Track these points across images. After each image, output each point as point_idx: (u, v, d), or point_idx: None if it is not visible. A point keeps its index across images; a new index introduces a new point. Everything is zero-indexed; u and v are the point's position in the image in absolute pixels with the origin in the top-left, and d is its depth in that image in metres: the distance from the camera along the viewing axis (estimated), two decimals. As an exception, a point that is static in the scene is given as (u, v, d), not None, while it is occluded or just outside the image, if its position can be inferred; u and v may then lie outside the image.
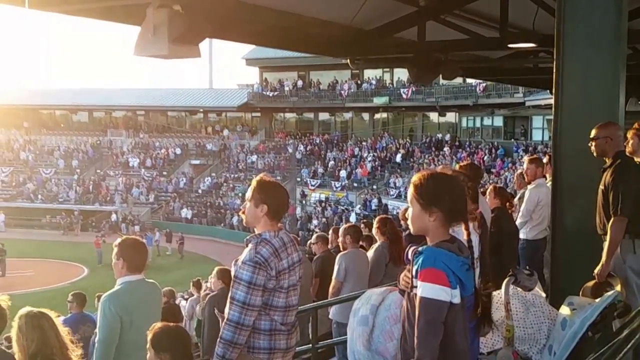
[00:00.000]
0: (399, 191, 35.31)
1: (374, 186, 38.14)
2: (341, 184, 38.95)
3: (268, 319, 3.44)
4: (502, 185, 20.14)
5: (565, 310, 3.46)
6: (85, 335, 6.73)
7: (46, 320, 3.53)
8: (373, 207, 34.67)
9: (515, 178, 9.53)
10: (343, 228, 7.34)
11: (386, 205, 34.44)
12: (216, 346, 3.39)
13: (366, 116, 46.37)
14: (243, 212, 3.57)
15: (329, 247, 8.09)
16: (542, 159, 7.95)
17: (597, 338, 3.22)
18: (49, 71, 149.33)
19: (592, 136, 4.60)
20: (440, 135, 41.57)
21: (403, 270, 2.71)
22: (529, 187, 7.42)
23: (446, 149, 38.87)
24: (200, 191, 43.55)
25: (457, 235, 2.62)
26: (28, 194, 44.03)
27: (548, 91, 15.98)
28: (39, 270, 30.26)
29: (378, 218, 7.46)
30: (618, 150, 4.57)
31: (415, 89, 41.09)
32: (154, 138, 49.19)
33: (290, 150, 41.58)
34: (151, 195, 43.39)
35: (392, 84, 43.97)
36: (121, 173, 45.56)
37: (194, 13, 4.74)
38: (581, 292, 3.99)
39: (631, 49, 7.58)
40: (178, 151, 47.28)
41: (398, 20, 7.26)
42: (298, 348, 4.68)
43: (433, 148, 40.00)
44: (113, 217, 40.44)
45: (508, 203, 6.66)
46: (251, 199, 3.50)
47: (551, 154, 6.01)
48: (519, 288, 3.61)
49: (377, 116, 45.60)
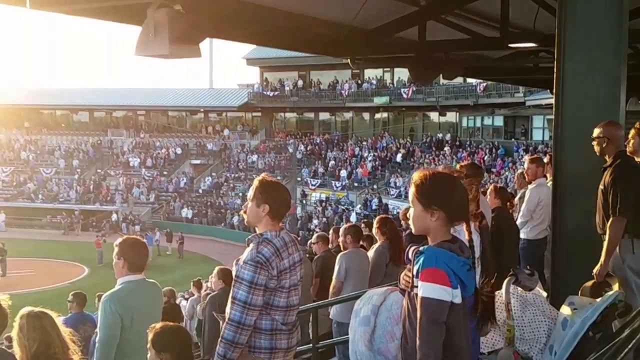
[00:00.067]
0: (400, 191, 35.31)
1: (375, 186, 38.14)
2: (341, 184, 38.95)
3: (269, 319, 3.44)
4: (503, 185, 20.12)
5: (566, 310, 3.45)
6: (85, 335, 6.73)
7: (48, 320, 3.53)
8: (373, 207, 34.65)
9: (515, 178, 9.52)
10: (343, 228, 7.33)
11: (386, 205, 34.44)
12: (217, 346, 3.38)
13: (366, 116, 46.34)
14: (245, 212, 3.57)
15: (330, 247, 8.08)
16: (543, 159, 7.94)
17: (598, 338, 3.21)
18: (50, 71, 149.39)
19: (593, 135, 4.61)
20: (440, 135, 41.56)
21: (403, 270, 2.71)
22: (530, 187, 7.41)
23: (447, 149, 38.85)
24: (200, 191, 43.56)
25: (458, 234, 2.61)
26: (29, 194, 44.04)
27: (548, 91, 15.97)
28: (40, 270, 30.25)
29: (378, 218, 7.40)
30: (618, 150, 4.56)
31: (415, 89, 41.09)
32: (155, 138, 49.20)
33: (290, 150, 41.56)
34: (152, 195, 43.40)
35: (393, 84, 43.95)
36: (122, 173, 45.57)
37: (195, 13, 4.74)
38: (580, 292, 3.98)
39: (631, 49, 7.57)
40: (178, 151, 47.30)
41: (399, 19, 7.25)
42: (298, 348, 4.68)
43: (433, 148, 40.00)
44: (114, 217, 40.44)
45: (508, 203, 6.66)
46: (253, 199, 3.50)
47: (552, 154, 6.00)
48: (520, 288, 3.61)
49: (378, 116, 45.58)
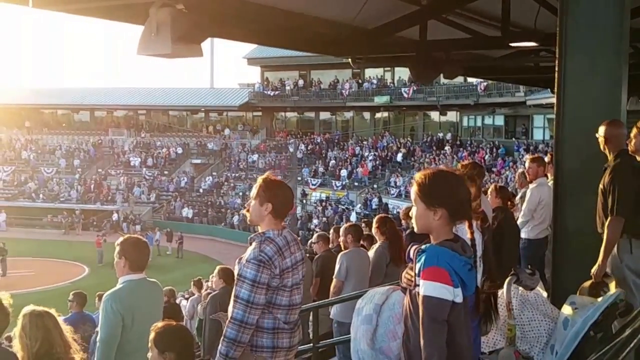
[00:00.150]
0: (400, 190, 35.32)
1: (375, 185, 38.13)
2: (342, 183, 38.94)
3: (271, 318, 3.44)
4: (503, 184, 20.12)
5: (567, 309, 3.46)
6: (85, 335, 6.73)
7: (50, 319, 3.53)
8: (374, 207, 34.64)
9: (516, 177, 9.52)
10: (344, 227, 7.32)
11: (387, 204, 34.44)
12: (220, 344, 3.38)
13: (367, 115, 46.33)
14: (248, 210, 3.58)
15: (330, 247, 8.08)
16: (544, 158, 7.93)
17: (599, 337, 3.21)
18: (51, 71, 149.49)
19: (597, 135, 4.60)
20: (441, 134, 41.55)
21: (405, 269, 2.71)
22: (531, 187, 7.40)
23: (447, 148, 38.84)
24: (201, 190, 43.56)
25: (460, 233, 2.61)
26: (29, 193, 44.05)
27: (549, 90, 15.96)
28: (40, 269, 30.25)
29: (377, 217, 7.35)
30: (620, 149, 4.55)
31: (416, 88, 41.10)
32: (155, 137, 49.22)
33: (291, 149, 41.55)
34: (152, 194, 43.40)
35: (393, 83, 43.94)
36: (122, 172, 45.58)
37: (197, 12, 4.74)
38: (578, 292, 3.98)
39: (632, 48, 7.56)
40: (179, 150, 47.31)
41: (400, 19, 7.25)
42: (298, 347, 4.68)
43: (434, 147, 39.98)
44: (114, 217, 40.43)
45: (509, 202, 6.65)
46: (256, 197, 3.50)
47: (553, 153, 6.00)
48: (521, 287, 3.61)
49: (378, 115, 45.57)
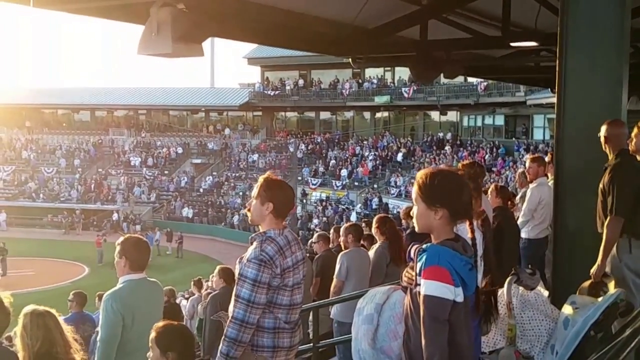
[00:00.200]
0: (400, 190, 35.34)
1: (375, 185, 38.14)
2: (342, 183, 38.94)
3: (272, 317, 3.44)
4: (504, 184, 20.12)
5: (567, 309, 3.45)
6: (84, 334, 6.73)
7: (51, 318, 3.53)
8: (374, 206, 34.64)
9: (517, 177, 9.51)
10: (344, 227, 7.31)
11: (387, 204, 34.44)
12: (220, 344, 3.38)
13: (367, 115, 46.32)
14: (249, 210, 3.57)
15: (330, 247, 8.07)
16: (544, 158, 7.93)
17: (600, 337, 3.21)
18: (51, 70, 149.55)
19: (599, 133, 4.60)
20: (441, 134, 41.55)
21: (405, 269, 2.71)
22: (531, 186, 7.39)
23: (447, 148, 38.84)
24: (201, 190, 43.56)
25: (461, 233, 2.61)
26: (30, 193, 44.06)
27: (549, 90, 15.96)
28: (40, 269, 30.25)
29: (377, 217, 7.33)
30: (620, 148, 4.54)
31: (416, 88, 41.09)
32: (156, 137, 49.22)
33: (291, 149, 41.55)
34: (152, 194, 43.41)
35: (394, 83, 43.93)
36: (123, 172, 45.58)
37: (198, 12, 4.74)
38: (578, 292, 3.98)
39: (632, 48, 7.55)
40: (179, 150, 47.31)
41: (400, 18, 7.25)
42: (299, 347, 4.68)
43: (434, 147, 39.98)
44: (114, 216, 40.43)
45: (509, 202, 6.65)
46: (257, 197, 3.50)
47: (553, 153, 5.99)
48: (522, 287, 3.61)
49: (379, 115, 45.56)
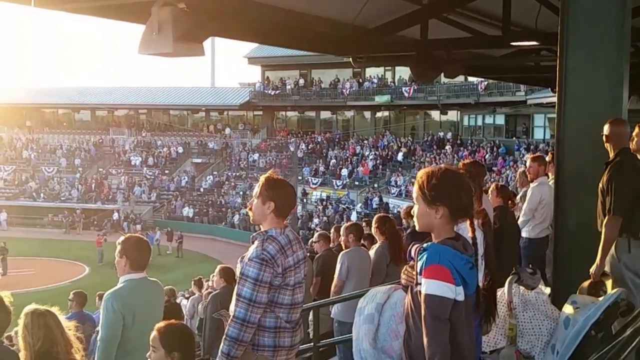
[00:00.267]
0: (400, 190, 35.34)
1: (376, 185, 38.13)
2: (342, 183, 38.94)
3: (273, 317, 3.44)
4: (504, 183, 20.11)
5: (568, 309, 3.45)
6: (84, 334, 6.73)
7: (52, 318, 3.53)
8: (374, 206, 34.64)
9: (517, 176, 9.52)
10: (345, 227, 7.32)
11: (387, 203, 34.44)
12: (222, 343, 3.38)
13: (368, 114, 46.31)
14: (250, 209, 3.57)
15: (331, 246, 8.08)
16: (545, 157, 7.93)
17: (600, 337, 3.21)
18: (52, 70, 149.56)
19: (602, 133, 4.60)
20: (441, 133, 41.54)
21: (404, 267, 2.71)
22: (532, 186, 7.39)
23: (448, 148, 38.82)
24: (201, 190, 43.57)
25: (462, 232, 2.61)
26: (30, 193, 44.07)
27: (550, 89, 15.95)
28: (41, 269, 30.27)
29: (376, 217, 7.33)
30: (621, 147, 4.53)
31: (416, 87, 41.08)
32: (156, 136, 49.23)
33: (291, 148, 41.54)
34: (153, 193, 43.43)
35: (394, 83, 43.92)
36: (123, 171, 45.59)
37: (199, 11, 4.74)
38: (577, 292, 3.98)
39: (633, 47, 7.55)
40: (180, 150, 47.31)
41: (400, 18, 7.25)
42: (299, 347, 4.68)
43: (435, 146, 39.97)
44: (115, 216, 40.44)
45: (510, 201, 6.65)
46: (258, 196, 3.49)
47: (554, 152, 5.99)
48: (522, 287, 3.60)
49: (379, 114, 45.55)
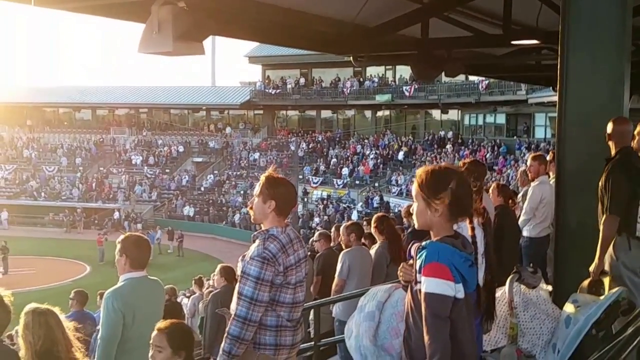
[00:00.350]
0: (401, 189, 35.34)
1: (376, 184, 38.13)
2: (343, 182, 38.95)
3: (275, 315, 3.44)
4: (505, 182, 20.10)
5: (569, 307, 3.44)
6: (85, 333, 6.73)
7: (53, 317, 3.54)
8: (375, 205, 34.64)
9: (518, 175, 9.50)
10: (346, 226, 7.32)
11: (388, 202, 34.44)
12: (223, 342, 3.38)
13: (368, 114, 46.32)
14: (251, 208, 3.56)
15: (332, 245, 8.08)
16: (546, 156, 7.92)
17: (601, 336, 3.20)
18: (52, 69, 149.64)
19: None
20: (442, 132, 41.55)
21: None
22: (532, 185, 7.38)
23: (449, 147, 38.81)
24: (202, 189, 43.60)
25: (461, 230, 2.61)
26: (31, 192, 44.10)
27: (551, 88, 15.94)
28: (41, 268, 30.28)
29: (375, 217, 7.35)
30: (622, 146, 4.52)
31: (417, 87, 41.08)
32: (157, 136, 49.25)
33: (292, 147, 41.54)
34: (154, 192, 43.45)
35: (395, 82, 43.93)
36: (124, 171, 45.62)
37: (199, 10, 4.74)
38: (578, 291, 3.97)
39: (634, 46, 7.54)
40: (181, 149, 47.33)
41: (401, 17, 7.24)
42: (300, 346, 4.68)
43: (435, 145, 39.97)
44: (116, 215, 40.47)
45: (510, 201, 6.65)
46: (259, 195, 3.49)
47: (555, 151, 5.98)
48: (523, 285, 3.60)
49: (380, 114, 45.54)
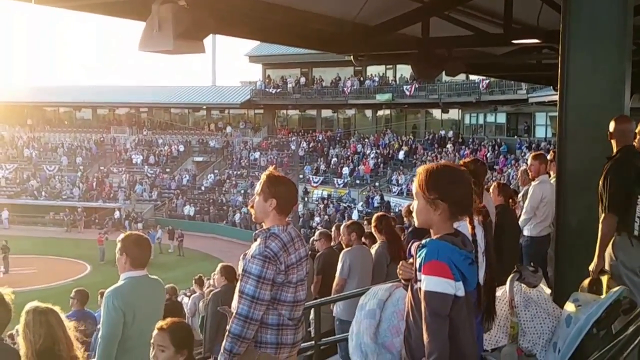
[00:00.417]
0: (401, 188, 35.32)
1: (377, 183, 38.12)
2: (343, 181, 38.94)
3: (276, 314, 3.44)
4: (505, 182, 20.10)
5: (570, 306, 3.44)
6: (86, 332, 6.73)
7: (53, 316, 3.53)
8: (375, 204, 34.62)
9: (519, 175, 9.50)
10: (346, 225, 7.31)
11: (388, 202, 34.43)
12: (224, 340, 3.38)
13: (369, 113, 46.28)
14: (252, 207, 3.56)
15: (332, 244, 8.08)
16: (546, 156, 7.92)
17: (602, 335, 3.20)
18: (53, 68, 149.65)
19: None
20: (443, 132, 41.53)
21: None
22: (533, 184, 7.37)
23: (449, 146, 38.80)
24: (203, 188, 43.59)
25: (461, 229, 2.60)
26: (32, 191, 44.11)
27: (551, 87, 15.94)
28: (42, 267, 30.29)
29: (374, 216, 7.35)
30: (624, 144, 4.52)
31: (418, 86, 41.05)
32: (157, 135, 49.23)
33: (293, 147, 41.54)
34: (154, 192, 43.45)
35: (395, 81, 43.90)
36: (124, 170, 45.63)
37: (199, 8, 4.73)
38: (578, 290, 3.97)
39: (635, 45, 7.53)
40: (181, 148, 47.33)
41: (402, 16, 7.24)
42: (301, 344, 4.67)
43: (436, 145, 39.95)
44: (116, 214, 40.47)
45: (511, 200, 6.65)
46: (260, 193, 3.49)
47: (555, 151, 5.98)
48: (524, 285, 3.60)
49: (380, 113, 45.52)
